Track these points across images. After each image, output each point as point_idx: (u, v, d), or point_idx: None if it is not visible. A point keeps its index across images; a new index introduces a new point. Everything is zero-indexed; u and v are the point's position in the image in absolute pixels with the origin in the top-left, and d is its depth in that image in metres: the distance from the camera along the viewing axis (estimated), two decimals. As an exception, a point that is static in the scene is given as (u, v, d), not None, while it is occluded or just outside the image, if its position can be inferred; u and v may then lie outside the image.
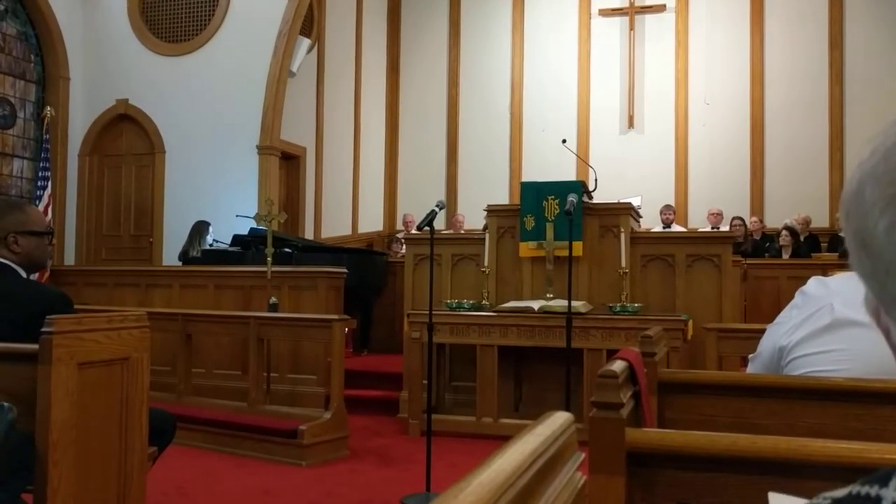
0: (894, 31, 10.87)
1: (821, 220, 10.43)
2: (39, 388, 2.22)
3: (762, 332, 2.12)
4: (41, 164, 8.94)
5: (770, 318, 2.15)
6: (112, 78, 9.90)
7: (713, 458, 1.25)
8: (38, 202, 8.52)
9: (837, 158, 10.91)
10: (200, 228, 8.55)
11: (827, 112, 11.04)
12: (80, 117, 9.97)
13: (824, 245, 9.75)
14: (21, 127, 9.47)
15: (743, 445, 1.25)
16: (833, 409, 1.74)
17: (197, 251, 8.30)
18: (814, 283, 1.98)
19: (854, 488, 0.62)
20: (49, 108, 9.13)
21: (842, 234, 0.69)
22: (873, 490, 0.60)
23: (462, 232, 10.01)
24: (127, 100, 9.86)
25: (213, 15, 9.62)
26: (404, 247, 8.13)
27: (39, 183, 8.88)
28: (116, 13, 9.91)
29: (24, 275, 2.75)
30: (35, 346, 2.23)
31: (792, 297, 2.03)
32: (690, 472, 1.27)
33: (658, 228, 9.68)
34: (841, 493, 0.63)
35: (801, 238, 9.57)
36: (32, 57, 9.63)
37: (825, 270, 6.76)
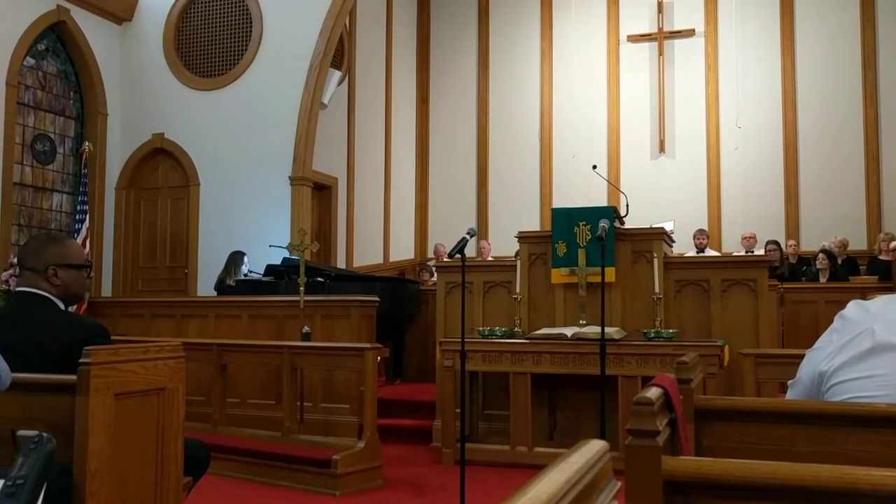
0: (929, 51, 10.75)
1: (858, 243, 10.25)
2: (77, 419, 2.24)
3: (801, 357, 2.07)
4: (80, 198, 9.13)
5: (808, 342, 2.11)
6: (148, 113, 10.12)
7: (752, 487, 1.23)
8: (76, 235, 8.68)
9: (874, 180, 10.75)
10: (236, 258, 8.65)
11: (862, 133, 10.90)
12: (118, 152, 10.19)
13: (862, 268, 9.57)
14: (60, 162, 9.70)
15: (783, 473, 1.22)
16: (876, 436, 1.69)
17: (232, 280, 8.40)
18: (853, 307, 1.94)
19: None
20: (87, 144, 9.33)
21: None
22: None
23: (490, 259, 9.99)
24: (163, 134, 10.06)
25: (245, 49, 9.81)
26: (434, 276, 8.13)
27: (78, 216, 9.06)
28: (152, 50, 10.15)
29: (62, 307, 2.79)
30: (73, 377, 2.25)
31: (831, 321, 1.98)
32: (729, 501, 1.24)
33: (691, 253, 9.58)
34: None
35: (839, 261, 9.41)
36: (71, 94, 9.89)
37: (864, 294, 6.63)
